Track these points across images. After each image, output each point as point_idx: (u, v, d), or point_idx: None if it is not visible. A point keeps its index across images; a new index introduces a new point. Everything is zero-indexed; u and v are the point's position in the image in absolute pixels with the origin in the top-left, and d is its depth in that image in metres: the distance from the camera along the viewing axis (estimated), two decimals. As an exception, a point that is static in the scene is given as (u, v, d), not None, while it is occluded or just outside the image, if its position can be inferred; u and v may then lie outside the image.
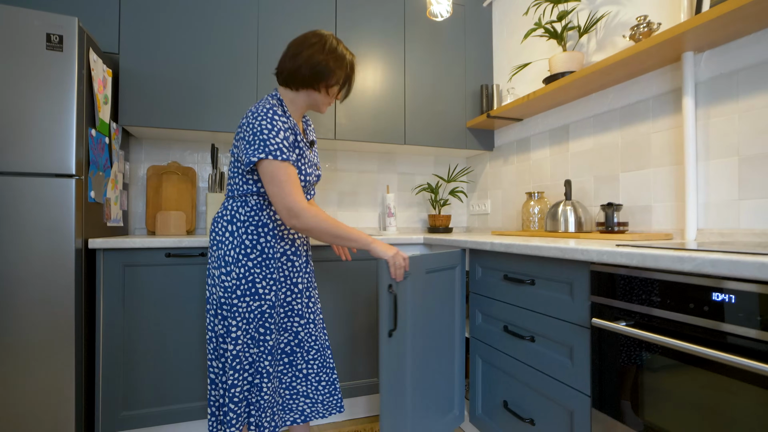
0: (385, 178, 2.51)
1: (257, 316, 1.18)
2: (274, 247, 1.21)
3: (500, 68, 2.34)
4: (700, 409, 0.80)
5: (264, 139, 1.11)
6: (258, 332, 1.18)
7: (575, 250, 1.05)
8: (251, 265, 1.17)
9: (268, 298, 1.18)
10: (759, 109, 1.17)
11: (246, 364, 1.18)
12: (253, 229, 1.19)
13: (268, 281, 1.19)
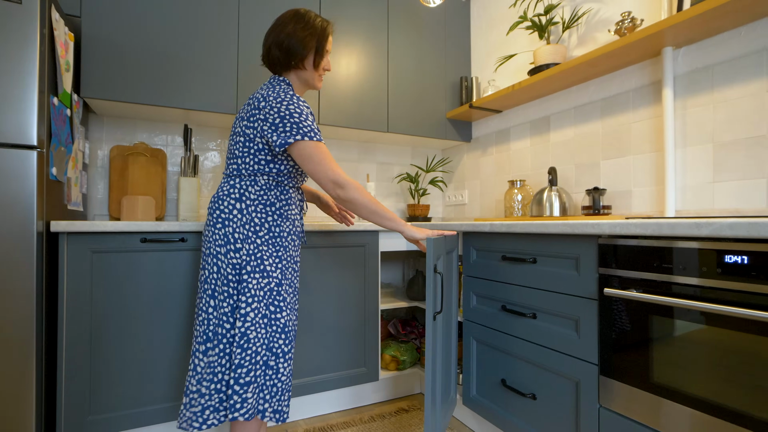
0: (364, 167, 2.48)
1: (267, 294, 1.17)
2: (281, 226, 1.22)
3: (478, 61, 2.40)
4: (708, 366, 0.86)
5: (296, 122, 1.14)
6: (269, 310, 1.17)
7: (585, 225, 1.10)
8: (260, 243, 1.17)
9: (274, 275, 1.18)
10: (732, 100, 1.29)
11: (259, 346, 1.14)
12: (262, 208, 1.19)
13: (274, 259, 1.20)
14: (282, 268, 1.21)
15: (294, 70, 1.27)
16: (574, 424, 1.17)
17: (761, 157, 1.23)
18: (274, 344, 1.17)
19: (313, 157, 1.15)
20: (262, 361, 1.15)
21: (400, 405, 1.92)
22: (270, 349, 1.16)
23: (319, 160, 1.16)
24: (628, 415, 1.02)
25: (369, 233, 1.87)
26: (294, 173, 1.25)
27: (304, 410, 1.80)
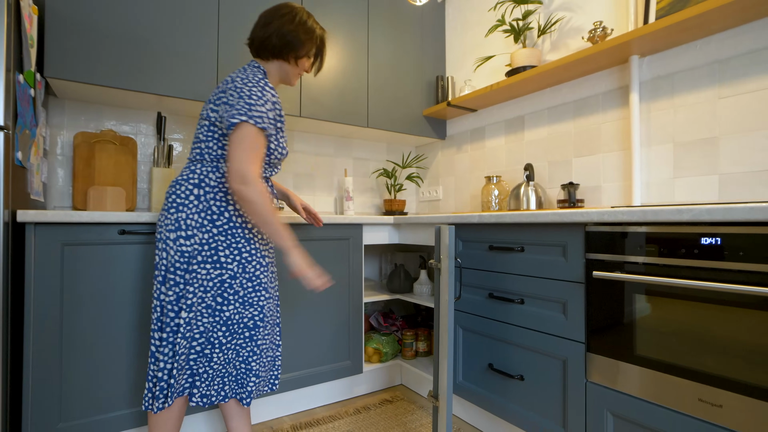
0: (341, 162, 2.48)
1: (216, 285, 1.15)
2: (242, 217, 1.19)
3: (453, 61, 2.49)
4: (685, 336, 0.97)
5: (250, 104, 1.11)
6: (216, 301, 1.15)
7: (574, 213, 1.18)
8: (216, 232, 1.15)
9: (230, 267, 1.16)
10: (690, 105, 1.45)
11: (197, 333, 1.15)
12: (222, 196, 1.17)
13: (232, 250, 1.17)
14: (242, 261, 1.17)
15: (281, 61, 1.27)
16: (561, 400, 1.26)
17: (713, 156, 1.39)
18: (213, 335, 1.16)
19: (243, 141, 1.09)
20: (194, 351, 1.15)
21: (384, 396, 1.95)
22: (208, 339, 1.16)
23: (246, 147, 1.09)
24: (613, 387, 1.12)
25: (353, 227, 1.88)
26: (270, 159, 1.23)
27: (288, 406, 1.77)
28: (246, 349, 1.20)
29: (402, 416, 1.74)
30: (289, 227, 1.17)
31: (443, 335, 1.19)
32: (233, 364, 1.19)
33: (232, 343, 1.18)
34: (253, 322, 1.20)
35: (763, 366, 0.86)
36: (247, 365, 1.20)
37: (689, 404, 0.97)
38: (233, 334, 1.18)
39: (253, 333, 1.20)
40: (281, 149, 1.26)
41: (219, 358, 1.17)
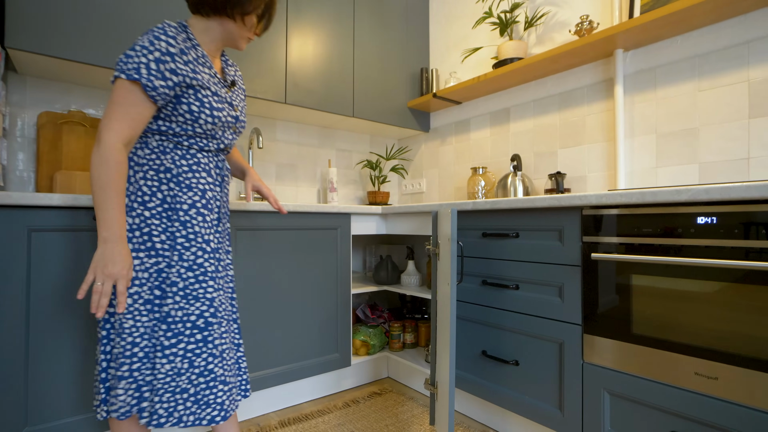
0: (325, 153, 2.42)
1: (153, 276, 1.01)
2: (179, 197, 1.04)
3: (437, 54, 2.49)
4: (681, 314, 1.01)
5: (129, 57, 0.95)
6: (153, 294, 1.01)
7: (572, 197, 1.20)
8: (148, 215, 1.02)
9: (166, 255, 1.02)
10: (672, 97, 1.51)
11: (137, 335, 1.00)
12: (153, 174, 1.03)
13: (168, 235, 1.03)
14: (178, 249, 1.03)
15: (223, 17, 1.08)
16: (557, 382, 1.27)
17: (693, 146, 1.46)
18: (155, 335, 1.01)
19: (113, 99, 0.95)
20: (142, 354, 0.99)
21: (372, 389, 1.91)
22: (150, 340, 1.00)
23: (113, 104, 0.95)
24: (610, 367, 1.15)
25: (341, 216, 1.84)
26: (197, 133, 1.06)
27: (274, 402, 1.70)
28: (201, 357, 1.02)
29: (392, 408, 1.71)
30: (123, 214, 0.97)
31: (444, 320, 1.18)
32: (187, 378, 1.00)
33: (181, 349, 1.00)
34: (203, 321, 1.03)
35: (755, 337, 0.90)
36: (209, 374, 1.04)
37: (685, 378, 1.01)
38: (178, 336, 1.01)
39: (207, 334, 1.04)
40: (209, 111, 1.04)
41: (164, 366, 0.99)
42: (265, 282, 1.61)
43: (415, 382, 1.92)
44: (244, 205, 1.52)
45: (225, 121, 1.11)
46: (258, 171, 2.17)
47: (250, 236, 1.58)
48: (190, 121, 1.04)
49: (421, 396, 1.84)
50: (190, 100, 1.03)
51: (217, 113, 1.08)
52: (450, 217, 1.11)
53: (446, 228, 1.16)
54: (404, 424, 1.58)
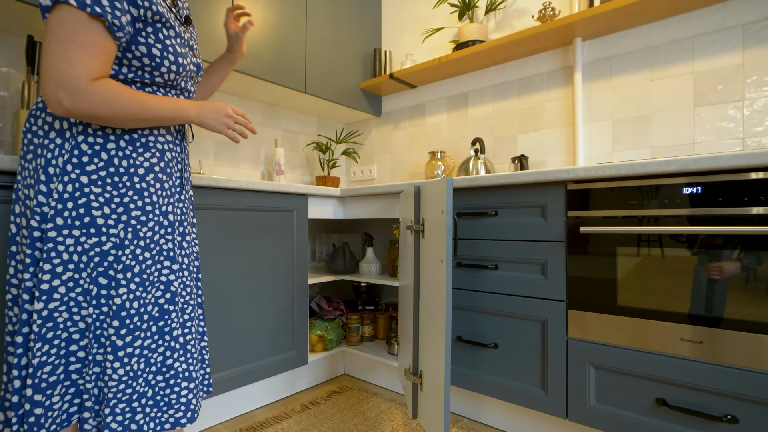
0: (270, 133, 2.19)
1: (94, 259, 0.79)
2: (131, 158, 0.83)
3: (389, 35, 2.40)
4: (667, 282, 1.04)
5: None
6: (96, 283, 0.79)
7: (558, 171, 1.19)
8: (86, 182, 0.78)
9: (113, 233, 0.80)
10: (626, 86, 1.60)
11: (74, 330, 0.79)
12: (97, 129, 0.81)
13: (115, 207, 0.81)
14: (133, 224, 0.82)
15: None
16: (540, 362, 1.25)
17: (646, 132, 1.56)
18: (102, 334, 0.80)
19: (58, 34, 0.71)
20: (82, 355, 0.80)
21: (330, 388, 1.75)
22: (97, 340, 0.79)
23: (62, 40, 0.71)
24: (595, 340, 1.15)
25: (298, 197, 1.65)
26: (155, 83, 0.86)
27: (222, 412, 1.46)
28: (158, 351, 0.85)
29: (357, 406, 1.57)
30: (169, 99, 0.84)
31: (434, 303, 1.08)
32: (144, 379, 0.83)
33: (137, 347, 0.82)
34: (158, 309, 0.85)
35: (736, 300, 0.95)
36: (168, 370, 0.86)
37: (671, 344, 1.03)
38: (135, 332, 0.81)
39: (163, 324, 0.86)
40: (173, 57, 0.85)
41: (117, 371, 0.79)
42: (211, 270, 1.36)
43: (376, 377, 1.80)
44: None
45: (188, 69, 0.92)
46: (194, 148, 1.87)
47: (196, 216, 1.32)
48: (148, 68, 0.83)
49: (385, 391, 1.72)
50: (150, 41, 0.82)
51: (182, 60, 0.89)
52: (445, 188, 1.01)
53: (438, 201, 1.07)
54: (373, 422, 1.45)
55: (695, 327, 1.00)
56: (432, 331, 1.11)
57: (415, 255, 1.25)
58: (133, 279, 0.81)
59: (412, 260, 1.30)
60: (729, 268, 0.96)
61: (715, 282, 0.98)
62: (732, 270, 0.96)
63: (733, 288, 0.96)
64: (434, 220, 1.10)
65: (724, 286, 0.97)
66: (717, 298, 0.97)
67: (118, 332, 0.79)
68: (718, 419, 0.96)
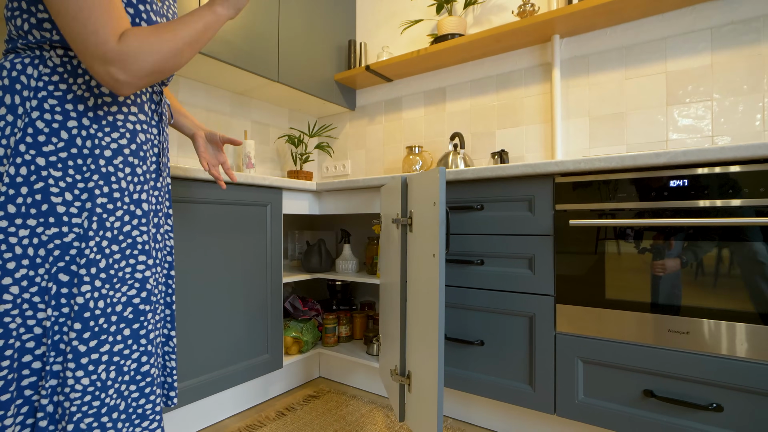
0: (239, 124, 2.06)
1: (53, 253, 0.68)
2: (95, 138, 0.72)
3: (363, 27, 2.34)
4: (654, 275, 1.04)
5: None
6: (56, 281, 0.68)
7: (547, 164, 1.17)
8: (43, 164, 0.68)
9: (76, 222, 0.70)
10: (602, 83, 1.63)
11: (27, 339, 0.67)
12: (56, 105, 0.70)
13: (78, 194, 0.70)
14: (98, 213, 0.71)
15: None
16: (527, 357, 1.23)
17: (621, 128, 1.59)
18: (62, 338, 0.69)
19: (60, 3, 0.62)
20: (37, 366, 0.68)
21: (306, 392, 1.66)
22: (56, 346, 0.68)
23: (83, 7, 0.62)
24: (584, 334, 1.14)
25: (272, 190, 1.55)
26: None
27: (189, 423, 1.34)
28: (132, 357, 0.75)
29: (336, 410, 1.50)
30: (195, 13, 0.74)
31: (426, 299, 1.03)
32: (116, 390, 0.74)
33: (105, 353, 0.71)
34: (132, 309, 0.75)
35: (722, 290, 0.97)
36: (144, 377, 0.76)
37: (659, 336, 1.04)
38: (101, 336, 0.70)
39: (138, 327, 0.76)
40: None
41: (81, 381, 0.68)
42: (179, 267, 1.24)
43: (354, 379, 1.72)
44: (153, 166, 1.14)
45: None
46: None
47: (159, 209, 1.20)
48: None
49: (364, 393, 1.65)
50: None
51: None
52: (438, 178, 0.97)
53: (429, 192, 1.02)
54: (355, 426, 1.38)
55: (682, 318, 1.02)
56: (421, 330, 1.06)
57: (402, 250, 1.19)
58: (98, 275, 0.71)
59: (397, 256, 1.24)
60: (715, 259, 0.98)
61: (702, 273, 0.99)
62: (717, 261, 0.97)
63: (719, 278, 0.97)
64: (424, 213, 1.05)
65: (711, 278, 0.98)
66: (703, 290, 0.99)
67: (80, 336, 0.68)
68: (704, 408, 0.97)
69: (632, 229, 1.07)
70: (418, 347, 1.09)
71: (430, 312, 1.01)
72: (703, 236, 0.99)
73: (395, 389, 1.22)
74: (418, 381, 1.09)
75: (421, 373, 1.06)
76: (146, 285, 0.77)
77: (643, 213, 1.06)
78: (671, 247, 1.02)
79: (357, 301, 2.18)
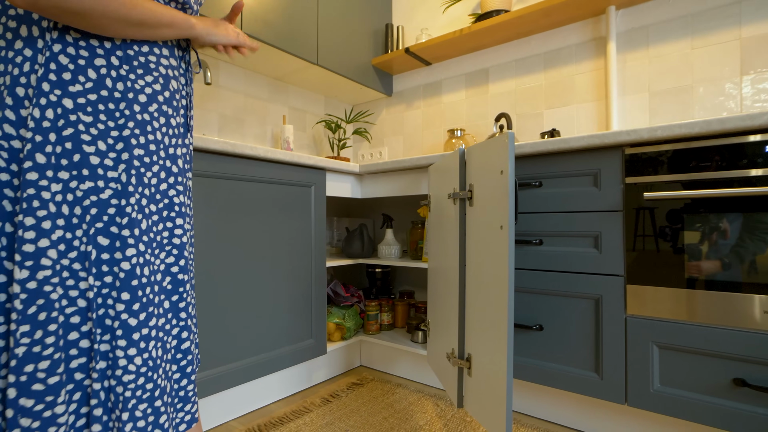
0: (276, 110, 2.04)
1: (89, 212, 0.60)
2: (128, 81, 0.64)
3: (400, 11, 2.28)
4: (746, 250, 0.94)
5: None
6: (95, 244, 0.60)
7: (617, 133, 1.09)
8: (71, 107, 0.59)
9: (112, 177, 0.61)
10: (664, 55, 1.52)
11: (71, 313, 0.59)
12: (80, 38, 0.61)
13: (113, 143, 0.62)
14: (136, 166, 0.63)
15: None
16: (593, 343, 1.15)
17: (687, 103, 1.48)
18: (108, 312, 0.60)
19: None
20: (86, 343, 0.60)
21: (349, 380, 1.62)
22: (101, 322, 0.60)
23: None
24: (660, 317, 1.05)
25: (316, 171, 1.51)
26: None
27: (235, 406, 1.31)
28: (172, 334, 0.69)
29: (382, 398, 1.44)
30: (166, 7, 0.66)
31: (496, 273, 0.96)
32: (163, 369, 0.66)
33: (152, 326, 0.64)
34: (172, 280, 0.69)
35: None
36: (184, 357, 0.71)
37: (753, 319, 0.94)
38: (147, 308, 0.63)
39: (178, 299, 0.70)
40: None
41: (134, 360, 0.61)
42: (222, 248, 1.22)
43: (398, 368, 1.67)
44: (198, 140, 1.12)
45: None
46: (198, 120, 1.71)
47: (203, 185, 1.17)
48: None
49: (409, 382, 1.59)
50: None
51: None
52: (507, 144, 0.90)
53: (494, 161, 0.95)
54: (404, 414, 1.32)
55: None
56: (484, 309, 1.00)
57: (461, 226, 1.13)
58: (141, 238, 0.63)
59: (453, 233, 1.18)
60: (820, 231, 0.87)
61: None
62: (824, 233, 0.87)
63: (825, 253, 0.87)
64: (489, 184, 0.99)
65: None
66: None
67: (129, 308, 0.61)
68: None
69: (719, 200, 0.98)
70: (479, 328, 1.02)
71: (495, 288, 0.94)
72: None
73: (452, 374, 1.15)
74: (480, 364, 1.02)
75: (484, 355, 0.99)
76: (183, 252, 0.70)
77: (732, 182, 0.97)
78: (764, 219, 0.92)
79: (396, 290, 2.12)
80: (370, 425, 1.25)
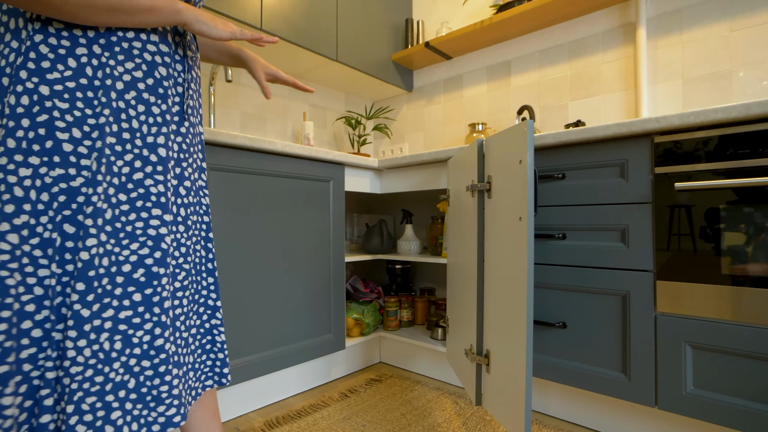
0: (297, 107, 2.06)
1: (57, 199, 0.60)
2: (107, 67, 0.63)
3: (419, 5, 2.26)
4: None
5: None
6: (60, 232, 0.60)
7: (646, 120, 1.03)
8: (47, 94, 0.59)
9: (85, 165, 0.61)
10: (700, 39, 1.43)
11: (27, 300, 0.58)
12: (62, 29, 0.61)
13: (89, 131, 0.62)
14: (106, 154, 0.62)
15: None
16: (620, 341, 1.09)
17: (725, 90, 1.39)
18: (65, 301, 0.60)
19: None
20: (39, 332, 0.58)
21: (368, 376, 1.61)
22: (57, 310, 0.59)
23: None
24: (693, 315, 0.99)
25: (335, 166, 1.51)
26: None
27: (254, 398, 1.33)
28: (144, 328, 0.65)
29: (401, 394, 1.43)
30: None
31: (516, 265, 0.93)
32: (124, 364, 0.63)
33: (109, 319, 0.62)
34: (144, 271, 0.66)
35: None
36: (158, 353, 0.66)
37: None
38: (103, 299, 0.61)
39: (151, 292, 0.66)
40: None
41: (83, 352, 0.59)
42: (241, 241, 1.23)
43: (417, 365, 1.65)
44: (215, 134, 1.14)
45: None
46: (221, 118, 1.75)
47: (223, 180, 1.19)
48: None
49: (428, 379, 1.57)
50: None
51: None
52: (526, 132, 0.87)
53: (514, 150, 0.92)
54: (422, 411, 1.30)
55: (828, 295, 0.84)
56: (504, 302, 0.97)
57: (479, 219, 1.10)
58: (103, 228, 0.60)
59: (472, 226, 1.15)
60: None
61: None
62: None
63: None
64: (507, 175, 0.96)
65: None
66: None
67: (83, 299, 0.58)
68: None
69: (761, 189, 0.91)
70: (498, 323, 0.99)
71: (514, 282, 0.91)
72: None
73: (470, 370, 1.13)
74: (499, 360, 0.99)
75: (503, 351, 0.96)
76: (161, 244, 0.66)
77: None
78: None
79: (416, 287, 2.10)
80: (388, 421, 1.23)
